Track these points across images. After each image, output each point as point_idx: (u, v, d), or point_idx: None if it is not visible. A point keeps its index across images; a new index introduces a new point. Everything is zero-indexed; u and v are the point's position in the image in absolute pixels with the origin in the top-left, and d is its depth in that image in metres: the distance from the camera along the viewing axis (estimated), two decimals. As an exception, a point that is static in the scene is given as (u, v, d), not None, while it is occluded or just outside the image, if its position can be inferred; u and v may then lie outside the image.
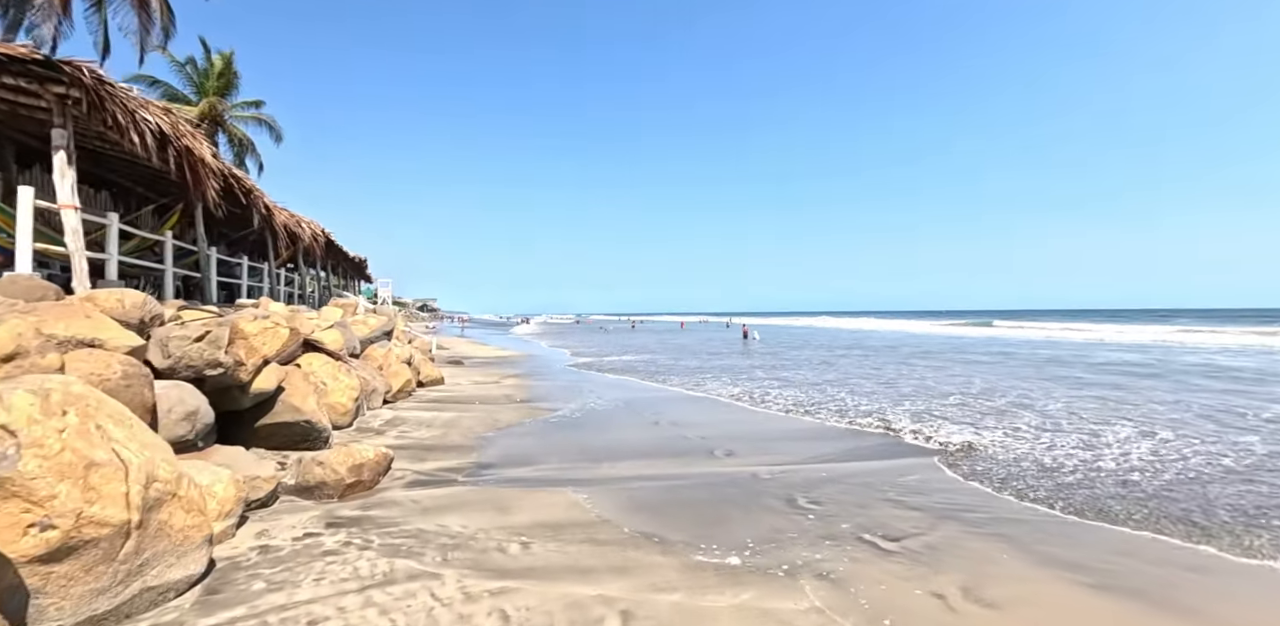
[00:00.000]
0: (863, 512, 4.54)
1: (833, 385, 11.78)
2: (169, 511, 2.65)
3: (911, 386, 11.61)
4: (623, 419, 8.16)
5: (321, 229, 12.11)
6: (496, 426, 7.21)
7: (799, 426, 7.74)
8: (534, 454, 5.98)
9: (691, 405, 9.38)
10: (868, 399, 9.90)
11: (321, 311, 9.52)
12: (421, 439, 6.35)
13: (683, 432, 7.30)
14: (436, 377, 10.90)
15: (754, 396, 10.19)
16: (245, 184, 7.88)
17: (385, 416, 7.41)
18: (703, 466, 5.78)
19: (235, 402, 5.11)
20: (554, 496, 4.62)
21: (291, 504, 4.23)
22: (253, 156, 27.98)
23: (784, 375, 13.75)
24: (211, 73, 26.65)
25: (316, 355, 6.64)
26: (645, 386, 11.62)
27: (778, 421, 8.08)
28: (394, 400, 8.69)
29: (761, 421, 8.09)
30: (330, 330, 7.92)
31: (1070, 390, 11.04)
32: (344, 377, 6.65)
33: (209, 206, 6.99)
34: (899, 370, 14.96)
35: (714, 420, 8.16)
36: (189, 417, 3.98)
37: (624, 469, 5.56)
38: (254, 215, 8.52)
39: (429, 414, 7.74)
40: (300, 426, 5.37)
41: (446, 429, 6.90)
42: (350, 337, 8.46)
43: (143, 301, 4.49)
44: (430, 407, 8.29)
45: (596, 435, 6.98)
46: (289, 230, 10.08)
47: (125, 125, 5.30)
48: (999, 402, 9.48)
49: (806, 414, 8.53)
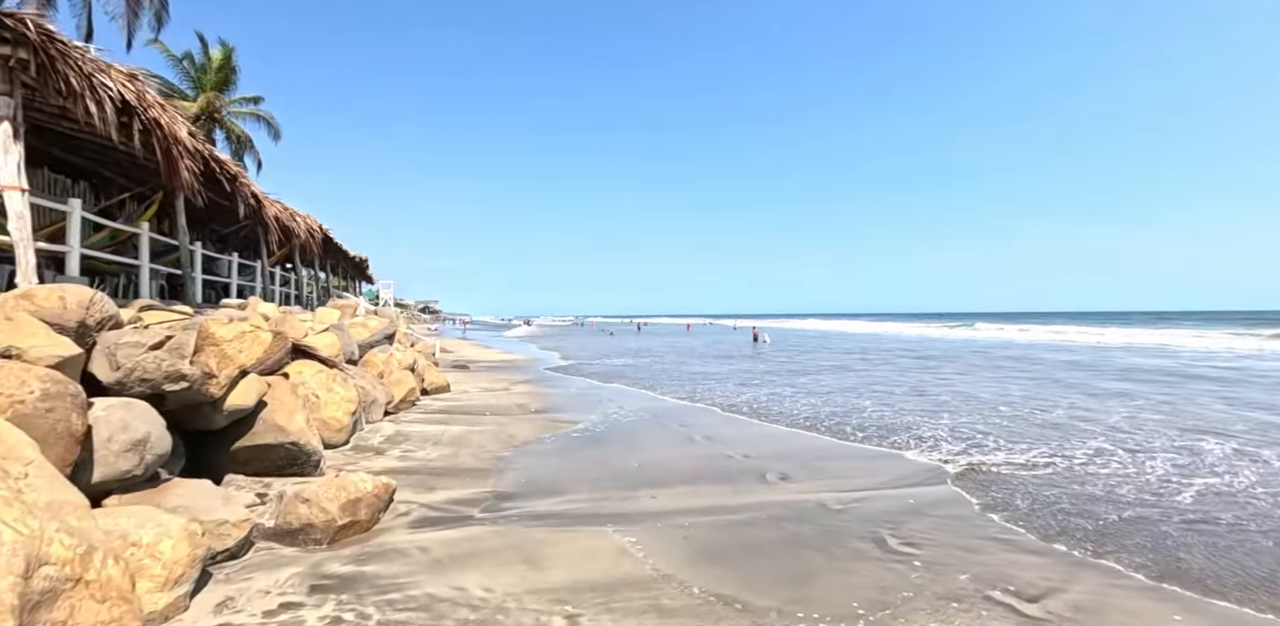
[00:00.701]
0: (974, 558, 3.68)
1: (860, 393, 10.91)
2: (69, 606, 1.79)
3: (947, 394, 10.73)
4: (652, 433, 7.29)
5: (318, 224, 11.26)
6: (512, 443, 6.34)
7: (847, 443, 6.86)
8: (560, 479, 5.11)
9: (722, 416, 8.50)
10: (907, 410, 9.03)
11: (317, 313, 8.67)
12: (428, 460, 5.49)
13: (722, 450, 6.44)
14: (442, 385, 10.04)
15: (784, 407, 9.33)
16: (229, 169, 7.03)
17: (386, 431, 6.55)
18: (758, 494, 4.92)
19: (207, 421, 4.25)
20: (594, 539, 3.76)
21: (270, 553, 3.37)
22: (251, 153, 27.19)
23: (802, 382, 12.87)
24: (209, 68, 25.88)
25: (308, 362, 5.78)
26: (666, 395, 10.75)
27: (818, 437, 7.20)
28: (396, 411, 7.83)
29: (802, 436, 7.22)
30: (325, 334, 7.07)
31: (1119, 401, 10.16)
32: (339, 388, 5.79)
33: (187, 193, 6.14)
34: (923, 376, 14.10)
35: (751, 435, 7.30)
36: (135, 448, 3.12)
37: (668, 499, 4.69)
38: (240, 205, 7.66)
39: (436, 428, 6.87)
40: (285, 449, 4.51)
41: (456, 447, 6.03)
42: (348, 342, 7.61)
43: (89, 300, 3.63)
44: (437, 420, 7.43)
45: (627, 454, 6.12)
46: (281, 224, 9.23)
47: (80, 91, 4.45)
48: (1054, 415, 8.59)
49: (848, 427, 7.66)
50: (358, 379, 6.86)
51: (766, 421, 8.07)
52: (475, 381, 12.13)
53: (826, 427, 7.63)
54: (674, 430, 7.49)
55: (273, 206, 8.83)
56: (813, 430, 7.50)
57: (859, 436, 7.11)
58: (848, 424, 7.86)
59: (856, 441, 6.88)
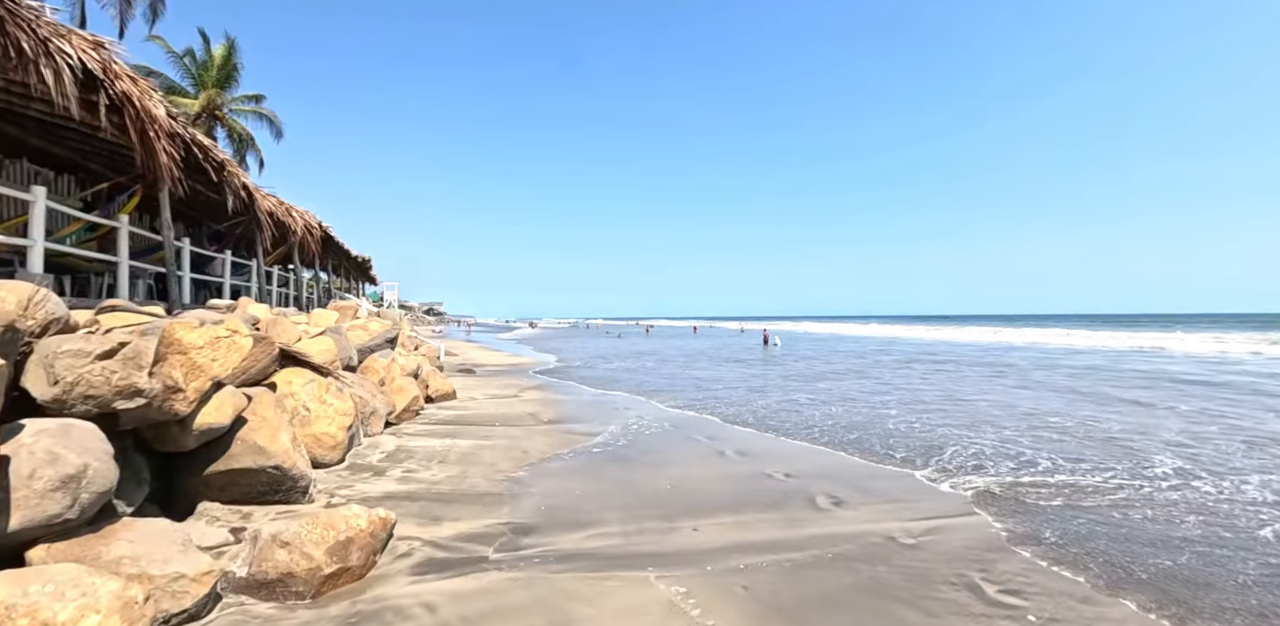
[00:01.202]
0: (1091, 613, 3.02)
1: (888, 402, 10.21)
2: None
3: (982, 402, 10.02)
4: (678, 447, 6.62)
5: (317, 221, 10.64)
6: (527, 460, 5.68)
7: (893, 460, 6.17)
8: (586, 506, 4.45)
9: (749, 428, 7.82)
10: (948, 423, 8.34)
11: (312, 314, 8.04)
12: (433, 482, 4.83)
13: (759, 467, 5.77)
14: (447, 391, 9.39)
15: (813, 417, 8.65)
16: (215, 155, 6.39)
17: (387, 446, 5.90)
18: (814, 524, 4.25)
19: (174, 442, 3.61)
20: (636, 590, 3.09)
21: (239, 612, 2.72)
22: (253, 152, 26.70)
23: (823, 387, 12.18)
24: (211, 64, 25.40)
25: (298, 371, 5.14)
26: (687, 403, 10.07)
27: (859, 452, 6.51)
28: (399, 421, 7.18)
29: (841, 452, 6.53)
30: (320, 338, 6.43)
31: (1170, 412, 9.44)
32: (334, 400, 5.14)
33: (167, 182, 5.52)
34: (950, 384, 13.38)
35: (786, 449, 6.62)
36: (67, 486, 2.48)
37: (714, 531, 4.03)
38: (228, 197, 7.02)
39: (441, 442, 6.21)
40: (267, 474, 3.87)
41: (465, 465, 5.38)
42: (345, 346, 6.97)
43: (29, 299, 2.99)
44: (442, 432, 6.77)
45: (656, 473, 5.45)
46: (276, 220, 8.60)
47: (33, 57, 3.82)
48: (1106, 428, 7.88)
49: (890, 440, 6.97)
50: (355, 388, 6.22)
51: (798, 434, 7.38)
52: (483, 387, 11.48)
53: (865, 441, 6.94)
54: (701, 443, 6.82)
55: (266, 200, 8.20)
56: (850, 444, 6.81)
57: (903, 453, 6.42)
58: (890, 436, 7.18)
59: (903, 459, 6.19)
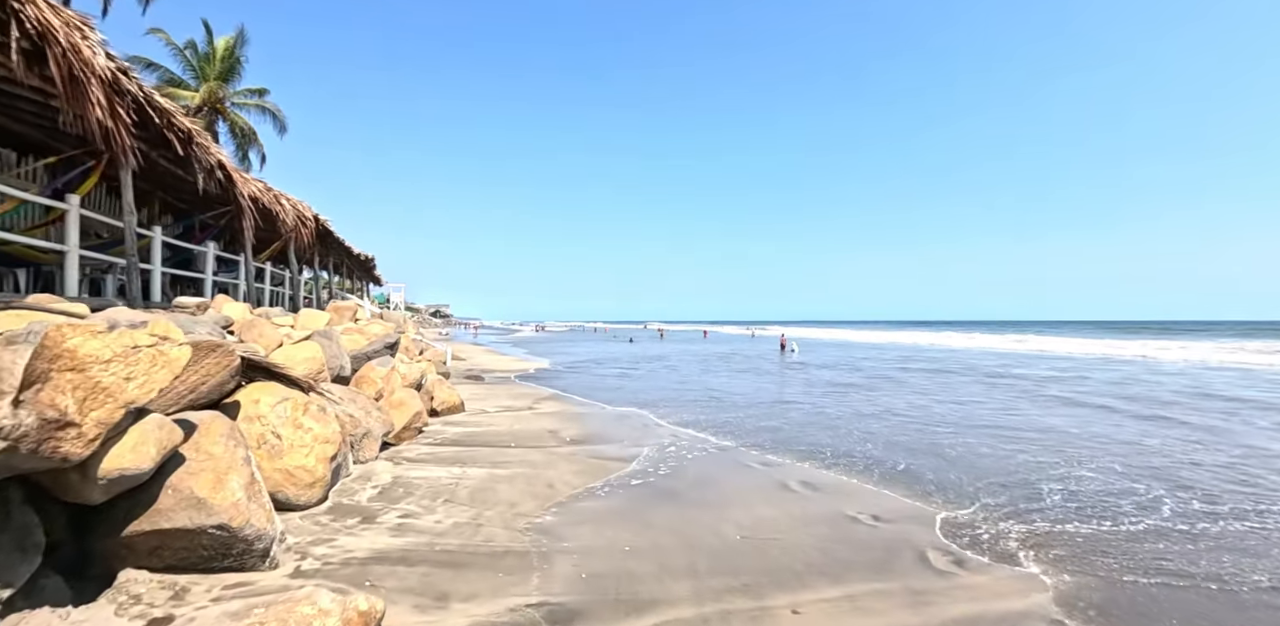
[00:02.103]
0: None
1: (947, 421, 9.08)
2: None
3: (1048, 420, 8.86)
4: (732, 477, 5.51)
5: (312, 213, 9.62)
6: (554, 498, 4.59)
7: (991, 492, 5.04)
8: (641, 570, 3.34)
9: (803, 449, 6.69)
10: (1029, 450, 7.20)
11: (300, 316, 6.99)
12: (438, 533, 3.74)
13: (838, 506, 4.66)
14: (454, 403, 8.32)
15: (875, 438, 7.54)
16: (180, 123, 5.33)
17: (381, 477, 4.82)
18: (946, 599, 3.14)
19: (74, 493, 2.55)
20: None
21: None
22: (255, 147, 25.85)
23: (855, 400, 11.04)
24: (213, 57, 24.62)
25: (269, 387, 4.07)
26: (720, 418, 8.95)
27: (939, 489, 5.39)
28: (399, 441, 6.12)
29: (917, 482, 5.40)
30: (305, 344, 5.37)
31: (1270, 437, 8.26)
32: (313, 424, 4.07)
33: (119, 151, 4.49)
34: (990, 397, 12.20)
35: (857, 482, 5.49)
36: None
37: (817, 613, 2.93)
38: (198, 175, 5.95)
39: (448, 472, 5.13)
40: (208, 536, 2.79)
41: (478, 505, 4.28)
42: (336, 353, 5.91)
43: None
44: (449, 457, 5.69)
45: (718, 516, 4.34)
46: (262, 207, 7.55)
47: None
48: (1228, 458, 6.72)
49: (977, 471, 5.84)
50: (346, 405, 5.15)
51: (867, 461, 6.26)
52: (493, 396, 10.41)
53: (944, 471, 5.81)
54: (756, 472, 5.71)
55: (248, 184, 7.15)
56: (924, 473, 5.69)
57: (995, 485, 5.29)
58: (970, 466, 6.05)
59: (999, 494, 5.06)
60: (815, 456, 6.37)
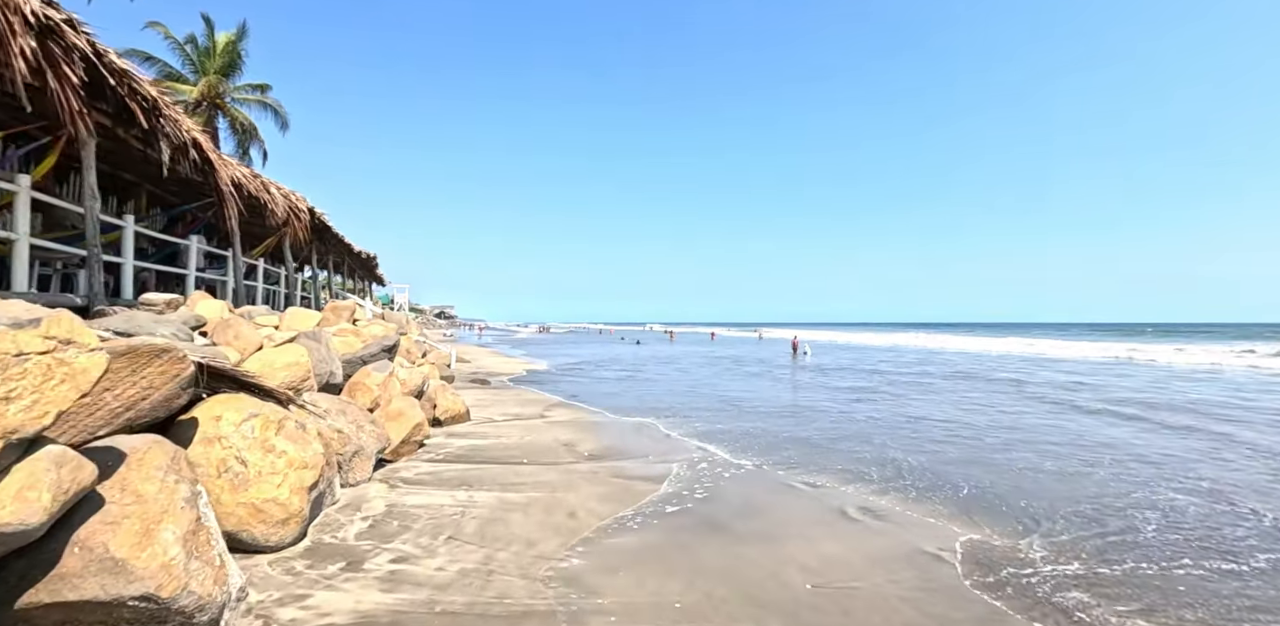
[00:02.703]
0: None
1: (983, 425, 8.32)
2: None
3: (1103, 433, 8.08)
4: (780, 502, 4.76)
5: (307, 205, 8.92)
6: (579, 532, 3.85)
7: (1067, 522, 4.28)
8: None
9: (848, 469, 5.94)
10: (1095, 473, 6.44)
11: (286, 315, 6.28)
12: (440, 584, 3.00)
13: (914, 541, 3.92)
14: (459, 412, 7.60)
15: (915, 450, 6.79)
16: (142, 89, 4.60)
17: (373, 505, 4.09)
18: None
19: (-63, 558, 1.84)
20: None
21: None
22: (256, 144, 25.25)
23: (884, 408, 10.27)
24: (214, 51, 24.04)
25: (235, 400, 3.35)
26: (748, 428, 8.20)
27: (1014, 515, 4.63)
28: (396, 457, 5.39)
29: (994, 510, 4.65)
30: (287, 347, 4.66)
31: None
32: (288, 445, 3.35)
33: (63, 117, 3.79)
34: (1028, 406, 11.39)
35: (923, 506, 4.73)
36: None
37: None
38: (163, 151, 5.22)
39: (452, 498, 4.39)
40: (130, 609, 2.07)
41: (488, 543, 3.55)
42: (326, 358, 5.20)
43: None
44: (453, 477, 4.96)
45: (775, 556, 3.60)
46: (247, 195, 6.82)
47: None
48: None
49: (1042, 494, 5.08)
50: (334, 418, 4.43)
51: (914, 480, 5.51)
52: (500, 403, 9.68)
53: (1014, 496, 5.05)
54: (805, 497, 4.96)
55: (229, 169, 6.42)
56: (997, 500, 4.92)
57: (1089, 521, 4.53)
58: (1051, 491, 5.29)
59: (1094, 527, 4.29)
60: (863, 477, 5.60)
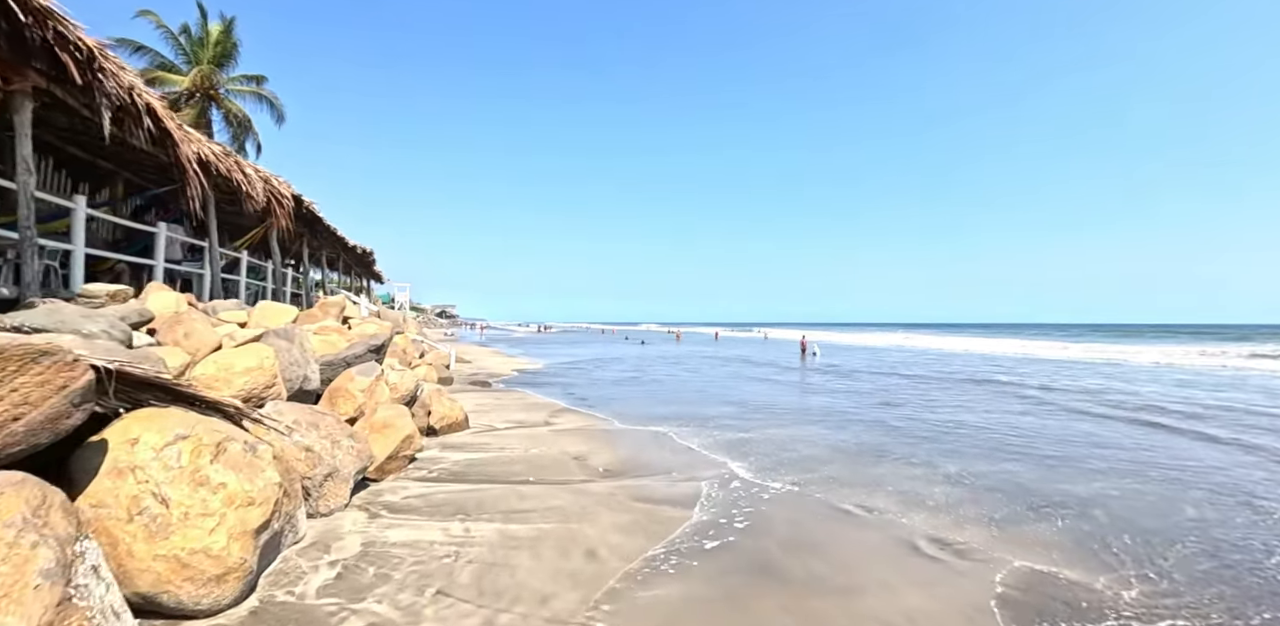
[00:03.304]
0: None
1: (1055, 449, 7.55)
2: None
3: (1206, 455, 7.29)
4: (834, 534, 3.99)
5: (292, 191, 8.14)
6: (602, 580, 3.07)
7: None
8: None
9: (903, 491, 5.16)
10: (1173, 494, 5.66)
11: (255, 310, 5.51)
12: (422, 667, 2.24)
13: (1013, 590, 3.14)
14: (456, 419, 6.83)
15: (970, 469, 6.02)
16: (67, 29, 3.79)
17: (348, 543, 3.31)
18: None
19: None
20: None
21: None
22: (251, 138, 24.50)
23: (916, 414, 9.49)
24: (207, 41, 23.30)
25: (163, 416, 2.58)
26: (776, 437, 7.43)
27: (1111, 549, 3.85)
28: (381, 477, 4.62)
29: (1088, 549, 3.88)
30: (250, 347, 3.89)
31: None
32: (229, 475, 2.58)
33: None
34: (1078, 414, 10.60)
35: (1007, 546, 3.96)
36: None
37: None
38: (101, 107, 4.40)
39: (443, 532, 3.61)
40: None
41: (488, 604, 2.77)
42: (297, 360, 4.43)
43: None
44: (446, 503, 4.18)
45: (849, 611, 2.83)
46: (217, 174, 6.01)
47: None
48: None
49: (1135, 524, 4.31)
50: (303, 434, 3.66)
51: (985, 507, 4.73)
52: (501, 408, 8.92)
53: (1106, 532, 4.28)
54: (865, 526, 4.18)
55: (195, 144, 5.61)
56: (1085, 534, 4.15)
57: (1217, 578, 3.75)
58: (1152, 531, 4.51)
59: (1218, 583, 3.52)
60: (922, 499, 4.81)
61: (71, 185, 9.07)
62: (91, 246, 6.54)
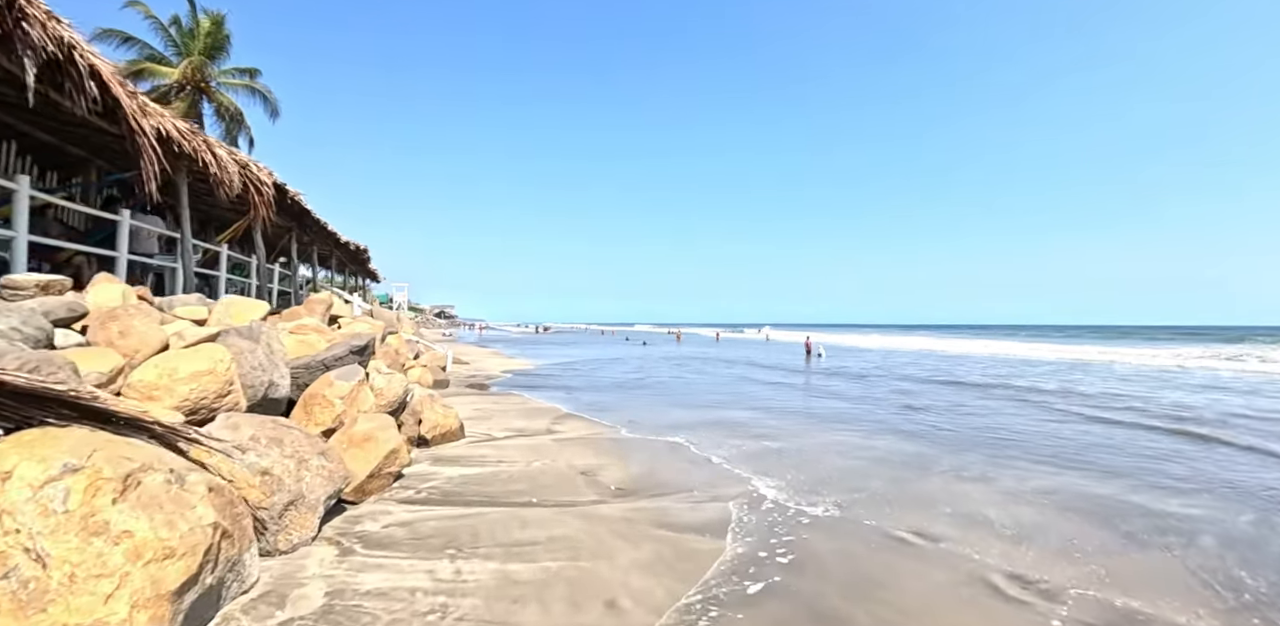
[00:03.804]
0: None
1: (1127, 463, 6.93)
2: None
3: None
4: (896, 569, 3.35)
5: (273, 178, 7.48)
6: (625, 644, 2.45)
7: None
8: None
9: (962, 513, 4.54)
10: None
11: (219, 304, 4.87)
12: None
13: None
14: (450, 428, 6.20)
15: (1034, 485, 5.40)
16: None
17: (308, 595, 2.67)
18: None
19: None
20: None
21: None
22: (244, 133, 23.86)
23: (942, 419, 8.87)
24: (198, 32, 22.66)
25: (46, 443, 1.95)
26: (799, 448, 6.80)
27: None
28: (360, 498, 3.99)
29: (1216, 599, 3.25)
30: (202, 349, 3.26)
31: None
32: (137, 520, 1.94)
33: None
34: (1135, 423, 9.99)
35: (1103, 585, 3.33)
36: None
37: None
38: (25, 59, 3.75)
39: (428, 575, 2.98)
40: None
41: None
42: (261, 364, 3.80)
43: None
44: (435, 534, 3.54)
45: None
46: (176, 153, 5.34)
47: None
48: None
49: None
50: (260, 454, 3.02)
51: (1066, 534, 4.11)
52: (500, 413, 8.28)
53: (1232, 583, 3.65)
54: (928, 558, 3.55)
55: (152, 116, 4.95)
56: (1211, 581, 3.52)
57: None
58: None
59: None
60: (984, 521, 4.18)
61: (39, 174, 8.43)
62: (51, 237, 5.92)
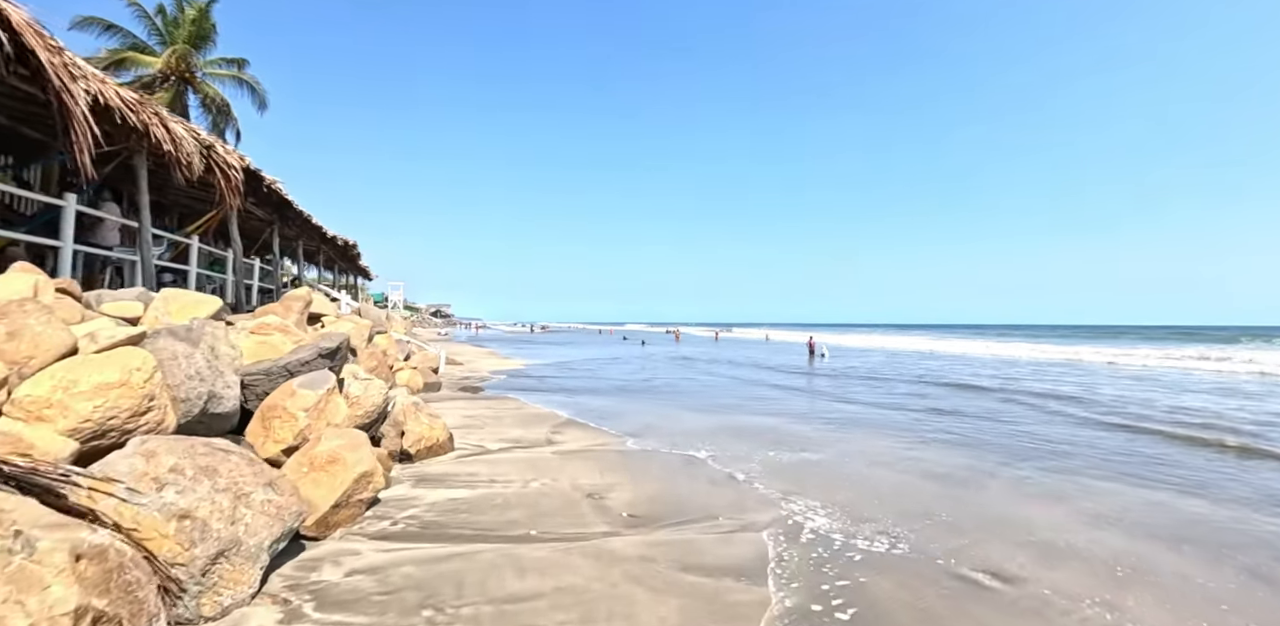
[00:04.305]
0: None
1: (1209, 478, 6.28)
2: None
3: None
4: (981, 621, 2.69)
5: (242, 161, 6.71)
6: None
7: None
8: None
9: (1039, 541, 3.87)
10: None
11: (157, 299, 4.15)
12: None
13: None
14: (436, 440, 5.51)
15: (1105, 508, 4.73)
16: None
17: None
18: None
19: None
20: None
21: None
22: (231, 125, 23.04)
23: (971, 427, 8.21)
24: (183, 21, 21.85)
25: None
26: (832, 461, 6.13)
27: None
28: (323, 534, 3.30)
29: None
30: (113, 355, 2.56)
31: None
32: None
33: None
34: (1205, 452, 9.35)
35: (1220, 604, 2.67)
36: None
37: None
38: None
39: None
40: None
41: None
42: (199, 373, 3.10)
43: None
44: (406, 587, 2.84)
45: None
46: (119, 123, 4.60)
47: None
48: None
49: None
50: (183, 490, 2.33)
51: (1179, 573, 3.44)
52: (495, 421, 7.58)
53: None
54: (1019, 609, 2.88)
55: (86, 78, 4.19)
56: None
57: None
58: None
59: None
60: (1075, 555, 3.52)
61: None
62: None
